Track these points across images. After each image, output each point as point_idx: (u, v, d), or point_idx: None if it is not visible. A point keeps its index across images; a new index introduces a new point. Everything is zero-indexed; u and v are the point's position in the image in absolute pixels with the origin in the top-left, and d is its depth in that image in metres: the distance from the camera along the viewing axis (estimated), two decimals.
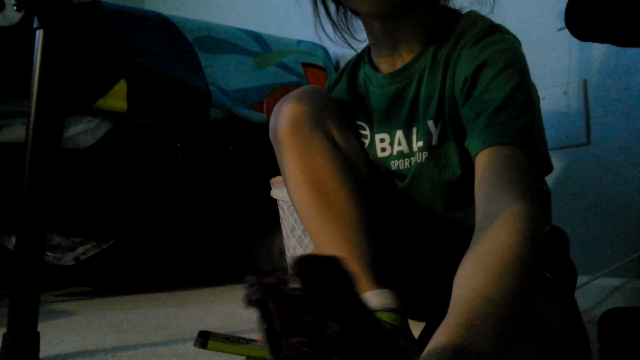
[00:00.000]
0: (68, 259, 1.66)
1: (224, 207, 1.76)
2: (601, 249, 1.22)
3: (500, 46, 0.66)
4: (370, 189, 0.78)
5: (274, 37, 1.94)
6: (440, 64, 0.70)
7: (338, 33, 0.81)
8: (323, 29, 0.81)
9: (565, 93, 1.30)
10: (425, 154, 0.72)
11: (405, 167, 0.75)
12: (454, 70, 0.69)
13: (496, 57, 0.65)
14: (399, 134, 0.74)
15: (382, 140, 0.76)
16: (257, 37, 1.88)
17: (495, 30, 0.69)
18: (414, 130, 0.73)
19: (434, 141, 0.71)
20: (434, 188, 0.73)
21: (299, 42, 1.98)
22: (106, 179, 1.56)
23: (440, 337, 0.44)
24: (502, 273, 0.49)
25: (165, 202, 1.66)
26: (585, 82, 1.26)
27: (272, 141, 0.78)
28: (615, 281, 1.18)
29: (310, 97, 0.76)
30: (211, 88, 1.68)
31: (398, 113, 0.74)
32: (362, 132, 0.79)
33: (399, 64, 0.74)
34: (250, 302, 0.36)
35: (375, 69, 0.78)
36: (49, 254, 1.62)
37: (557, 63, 1.31)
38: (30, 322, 0.84)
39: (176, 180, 1.66)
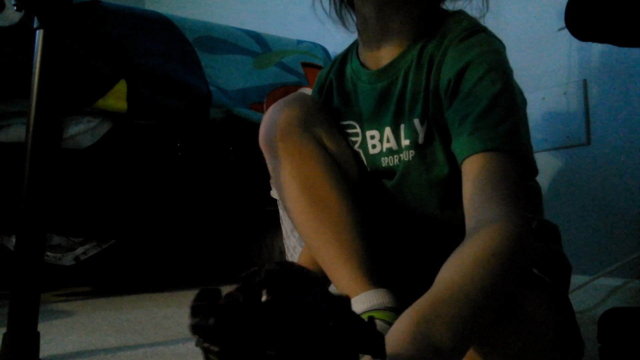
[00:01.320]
0: (68, 259, 1.66)
1: (224, 207, 1.76)
2: (601, 249, 1.22)
3: (485, 48, 0.66)
4: (360, 191, 0.78)
5: (274, 37, 1.93)
6: (425, 62, 0.71)
7: (334, 7, 0.81)
8: (321, 3, 0.81)
9: (565, 93, 1.30)
10: (412, 152, 0.73)
11: (395, 163, 0.75)
12: (439, 69, 0.69)
13: (480, 59, 0.65)
14: (388, 130, 0.75)
15: (372, 137, 0.77)
16: (257, 37, 1.88)
17: (480, 30, 0.69)
18: (402, 127, 0.73)
19: (420, 140, 0.71)
20: (423, 186, 0.74)
21: (299, 42, 1.98)
22: (106, 179, 1.56)
23: (402, 318, 0.46)
24: (474, 266, 0.50)
25: (165, 202, 1.66)
26: (585, 82, 1.26)
27: (262, 147, 0.79)
28: (615, 281, 1.18)
29: (298, 104, 0.78)
30: (211, 88, 1.68)
31: (386, 110, 0.75)
32: (352, 130, 0.79)
33: (385, 60, 0.75)
34: (203, 332, 0.30)
35: (363, 65, 0.78)
36: (49, 254, 1.62)
37: (557, 63, 1.31)
38: (30, 322, 0.84)
39: (176, 180, 1.66)
